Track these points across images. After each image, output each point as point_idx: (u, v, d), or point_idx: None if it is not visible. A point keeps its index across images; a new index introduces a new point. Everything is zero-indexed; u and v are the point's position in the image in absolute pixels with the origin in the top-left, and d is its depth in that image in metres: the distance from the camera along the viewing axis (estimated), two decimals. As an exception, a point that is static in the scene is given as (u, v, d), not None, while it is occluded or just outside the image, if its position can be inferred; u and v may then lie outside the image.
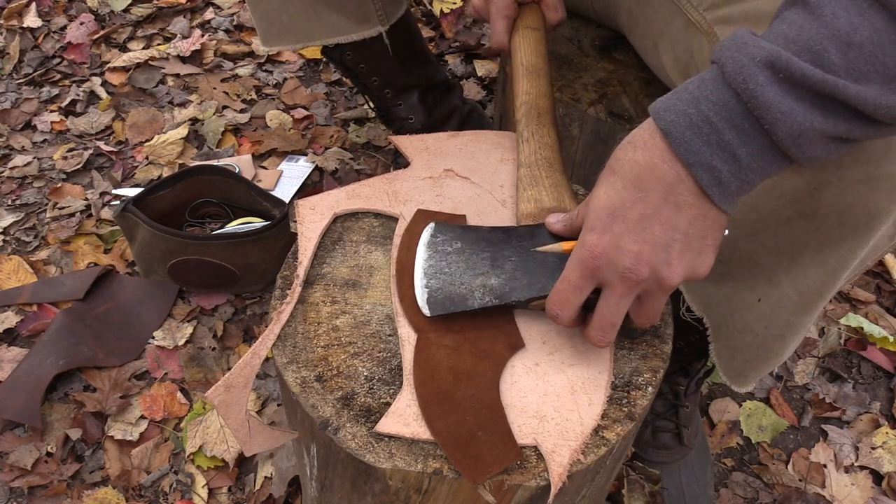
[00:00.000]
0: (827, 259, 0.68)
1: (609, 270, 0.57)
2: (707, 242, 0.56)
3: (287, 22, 1.17)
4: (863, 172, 0.61)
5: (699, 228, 0.55)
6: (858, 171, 0.61)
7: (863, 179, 0.61)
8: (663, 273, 0.56)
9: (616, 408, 0.63)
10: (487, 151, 0.84)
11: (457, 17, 1.93)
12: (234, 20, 1.97)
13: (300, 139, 1.64)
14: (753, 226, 0.72)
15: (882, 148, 0.59)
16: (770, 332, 0.77)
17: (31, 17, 1.91)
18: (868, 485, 1.16)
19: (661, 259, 0.56)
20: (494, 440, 0.58)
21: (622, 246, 0.56)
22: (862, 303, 1.42)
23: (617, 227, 0.56)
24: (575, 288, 0.60)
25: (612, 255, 0.57)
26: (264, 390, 1.21)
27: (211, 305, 1.32)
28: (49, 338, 1.23)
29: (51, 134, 1.66)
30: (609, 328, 0.60)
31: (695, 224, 0.55)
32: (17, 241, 1.44)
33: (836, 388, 1.29)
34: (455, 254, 0.69)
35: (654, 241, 0.55)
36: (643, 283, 0.57)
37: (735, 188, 0.54)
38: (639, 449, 1.12)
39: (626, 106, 1.03)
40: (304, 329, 0.67)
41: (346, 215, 0.78)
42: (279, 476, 1.08)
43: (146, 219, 1.22)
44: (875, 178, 0.60)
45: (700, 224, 0.55)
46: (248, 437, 0.65)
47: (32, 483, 1.09)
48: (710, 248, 0.57)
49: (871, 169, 0.60)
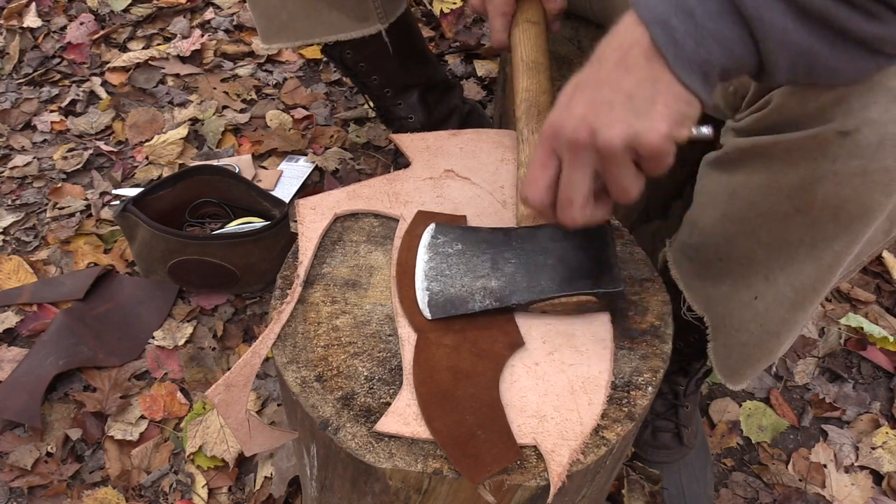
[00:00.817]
0: (822, 254, 0.68)
1: (562, 140, 0.58)
2: (656, 108, 0.55)
3: (287, 19, 1.17)
4: (857, 166, 0.61)
5: (647, 90, 0.54)
6: (853, 164, 0.61)
7: (857, 173, 0.61)
8: (603, 133, 0.55)
9: (616, 408, 0.63)
10: (488, 151, 0.84)
11: (457, 17, 1.93)
12: (234, 20, 1.97)
13: (300, 139, 1.64)
14: (751, 223, 0.72)
15: (876, 141, 0.59)
16: (765, 330, 0.77)
17: (31, 17, 1.91)
18: (868, 485, 1.16)
19: (601, 120, 0.55)
20: (494, 440, 0.58)
21: (571, 112, 0.57)
22: (862, 303, 1.42)
23: (574, 98, 0.57)
24: (540, 165, 0.60)
25: (563, 123, 0.57)
26: (264, 390, 1.21)
27: (211, 305, 1.32)
28: (49, 338, 1.23)
29: (51, 134, 1.66)
30: (567, 204, 0.60)
31: (643, 85, 0.54)
32: (17, 241, 1.44)
33: (836, 388, 1.29)
34: (455, 256, 0.69)
35: (598, 102, 0.56)
36: (587, 148, 0.57)
37: (690, 51, 0.53)
38: (639, 449, 1.12)
39: (626, 106, 1.03)
40: (304, 329, 0.67)
41: (346, 215, 0.78)
42: (279, 476, 1.08)
43: (146, 219, 1.22)
44: (870, 172, 0.60)
45: (649, 86, 0.54)
46: (248, 436, 0.65)
47: (32, 483, 1.09)
48: (659, 114, 0.55)
49: (866, 163, 0.60)
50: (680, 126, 0.56)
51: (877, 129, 0.59)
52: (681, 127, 0.56)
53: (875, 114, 0.59)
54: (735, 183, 0.73)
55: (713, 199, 0.77)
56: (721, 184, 0.76)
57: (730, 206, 0.74)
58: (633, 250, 0.76)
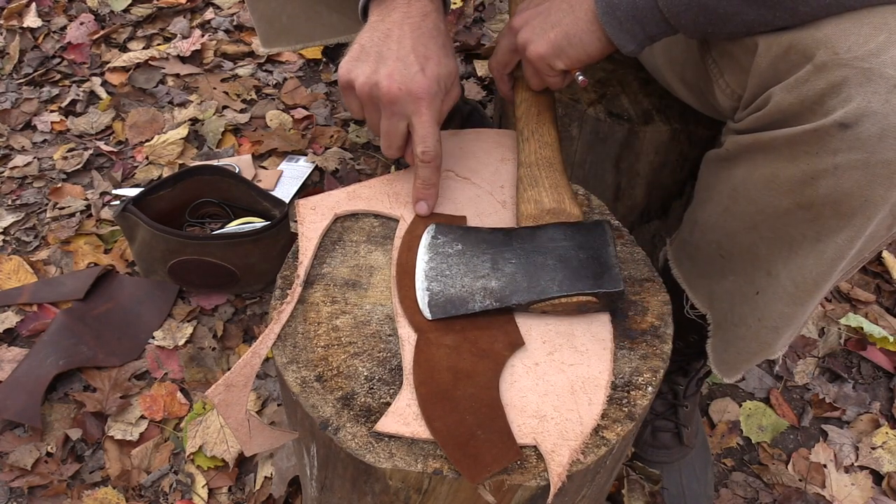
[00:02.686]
0: (824, 249, 0.68)
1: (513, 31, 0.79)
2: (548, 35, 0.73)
3: (287, 22, 1.17)
4: (858, 159, 0.60)
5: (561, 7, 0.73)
6: (854, 157, 0.61)
7: (858, 167, 0.61)
8: (522, 35, 0.76)
9: (616, 408, 0.63)
10: (488, 151, 0.84)
11: (457, 17, 1.93)
12: (234, 20, 1.97)
13: (300, 139, 1.64)
14: (752, 218, 0.72)
15: (877, 133, 0.59)
16: (763, 324, 0.77)
17: (31, 17, 1.91)
18: (868, 485, 1.16)
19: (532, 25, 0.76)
20: (494, 440, 0.58)
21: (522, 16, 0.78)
22: (862, 303, 1.42)
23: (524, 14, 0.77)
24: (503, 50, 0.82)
25: (513, 23, 0.78)
26: (264, 390, 1.21)
27: (211, 305, 1.32)
28: (49, 338, 1.23)
29: (51, 134, 1.66)
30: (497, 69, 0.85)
31: (561, 6, 0.73)
32: (17, 241, 1.44)
33: (836, 388, 1.29)
34: (456, 256, 0.69)
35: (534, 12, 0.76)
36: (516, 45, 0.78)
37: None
38: (639, 449, 1.12)
39: (625, 106, 1.03)
40: (304, 329, 0.67)
41: (346, 215, 0.78)
42: (279, 476, 1.08)
43: (146, 219, 1.22)
44: (871, 165, 0.60)
45: (565, 5, 0.72)
46: (248, 436, 0.65)
47: (32, 483, 1.09)
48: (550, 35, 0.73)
49: (867, 156, 0.60)
50: (556, 57, 0.74)
51: (878, 121, 0.59)
52: (556, 58, 0.74)
53: (876, 105, 0.58)
54: (736, 179, 0.73)
55: (714, 195, 0.77)
56: (722, 180, 0.76)
57: (731, 202, 0.74)
58: (633, 250, 0.76)
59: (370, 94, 0.70)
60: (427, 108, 0.70)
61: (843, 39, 0.60)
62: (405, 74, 0.69)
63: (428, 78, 0.69)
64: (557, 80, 0.78)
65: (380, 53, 0.70)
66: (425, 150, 0.72)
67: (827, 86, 0.60)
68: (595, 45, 0.72)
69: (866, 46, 0.59)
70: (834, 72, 0.60)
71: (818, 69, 0.61)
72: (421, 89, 0.69)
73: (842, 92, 0.60)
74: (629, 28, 0.69)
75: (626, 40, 0.70)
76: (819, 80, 0.61)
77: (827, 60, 0.60)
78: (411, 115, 0.71)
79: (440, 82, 0.71)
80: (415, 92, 0.69)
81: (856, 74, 0.59)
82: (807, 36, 0.62)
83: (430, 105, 0.70)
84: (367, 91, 0.70)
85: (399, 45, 0.70)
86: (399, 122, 0.71)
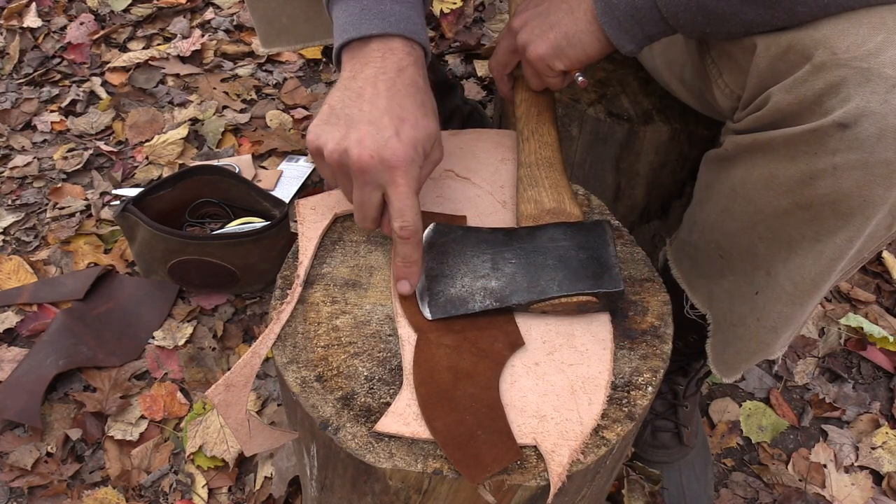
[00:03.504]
0: (823, 249, 0.68)
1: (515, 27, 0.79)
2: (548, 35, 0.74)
3: (287, 23, 1.17)
4: (857, 159, 0.60)
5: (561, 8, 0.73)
6: (853, 157, 0.61)
7: (857, 166, 0.61)
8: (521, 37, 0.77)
9: (616, 408, 0.63)
10: (488, 151, 0.84)
11: (457, 17, 1.93)
12: (234, 20, 1.97)
13: (300, 139, 1.64)
14: (751, 218, 0.72)
15: (876, 133, 0.59)
16: (762, 324, 0.77)
17: (31, 17, 1.91)
18: (868, 485, 1.16)
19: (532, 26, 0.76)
20: (494, 440, 0.58)
21: (522, 18, 0.78)
22: (862, 303, 1.42)
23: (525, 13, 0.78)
24: (503, 51, 0.82)
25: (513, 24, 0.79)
26: (264, 390, 1.21)
27: (211, 305, 1.32)
28: (49, 338, 1.23)
29: (51, 134, 1.66)
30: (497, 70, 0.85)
31: (560, 6, 0.73)
32: (17, 241, 1.44)
33: (836, 388, 1.29)
34: (456, 256, 0.69)
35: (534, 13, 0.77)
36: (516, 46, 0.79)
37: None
38: (639, 449, 1.12)
39: (625, 106, 1.03)
40: (304, 329, 0.67)
41: (346, 215, 0.78)
42: (279, 476, 1.08)
43: (146, 219, 1.23)
44: (870, 165, 0.60)
45: (565, 6, 0.73)
46: (248, 436, 0.65)
47: (32, 483, 1.09)
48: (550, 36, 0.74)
49: (866, 156, 0.60)
50: (556, 58, 0.75)
51: (876, 120, 0.59)
52: (556, 59, 0.75)
53: (874, 105, 0.58)
54: (735, 179, 0.73)
55: (713, 195, 0.78)
56: (721, 180, 0.76)
57: (730, 202, 0.74)
58: (633, 250, 0.76)
59: (339, 161, 0.64)
60: (403, 177, 0.62)
61: (842, 39, 0.60)
62: (377, 139, 0.62)
63: (403, 143, 0.62)
64: (557, 80, 0.78)
65: (350, 116, 0.64)
66: (403, 226, 0.64)
67: (825, 86, 0.60)
68: (594, 45, 0.72)
69: (865, 46, 0.59)
70: (832, 72, 0.60)
71: (817, 69, 0.61)
72: (395, 156, 0.62)
73: (840, 92, 0.60)
74: (628, 28, 0.69)
75: (625, 40, 0.70)
76: (818, 80, 0.61)
77: (825, 60, 0.60)
78: (386, 185, 0.63)
79: (417, 147, 0.63)
80: (388, 159, 0.62)
81: (854, 74, 0.59)
82: (805, 36, 0.62)
83: (406, 173, 0.62)
84: (336, 158, 0.64)
85: (372, 105, 0.63)
86: (372, 192, 0.64)
